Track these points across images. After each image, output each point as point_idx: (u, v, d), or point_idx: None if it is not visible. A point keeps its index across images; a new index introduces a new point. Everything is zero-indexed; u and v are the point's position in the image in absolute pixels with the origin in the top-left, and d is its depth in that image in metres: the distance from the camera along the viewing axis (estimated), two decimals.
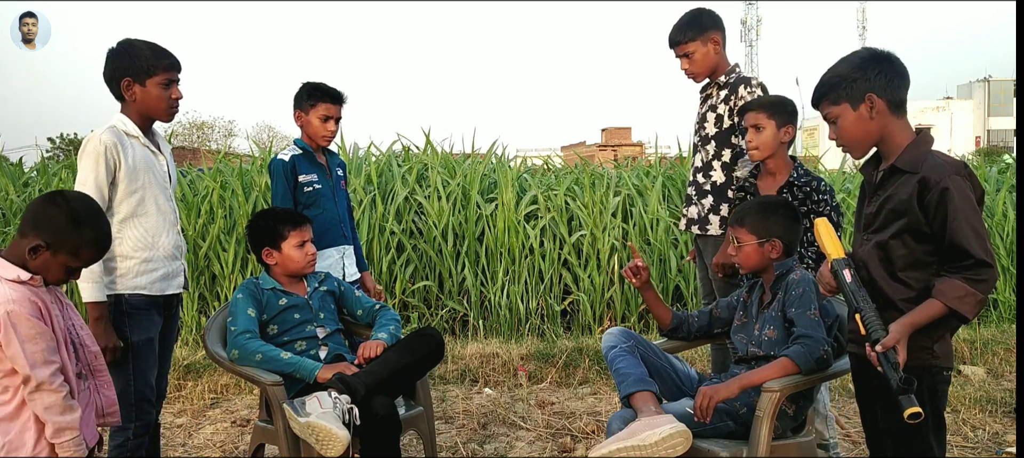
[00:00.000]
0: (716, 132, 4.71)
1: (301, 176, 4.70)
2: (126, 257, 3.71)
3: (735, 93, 4.65)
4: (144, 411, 3.77)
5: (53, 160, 12.13)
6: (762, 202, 3.92)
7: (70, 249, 2.81)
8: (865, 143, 3.00)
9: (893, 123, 2.93)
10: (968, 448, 5.23)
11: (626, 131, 24.43)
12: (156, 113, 3.83)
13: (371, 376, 3.81)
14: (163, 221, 3.85)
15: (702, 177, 4.80)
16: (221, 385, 6.69)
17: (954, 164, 2.83)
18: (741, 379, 3.46)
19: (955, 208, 2.73)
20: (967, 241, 2.72)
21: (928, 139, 2.94)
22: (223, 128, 47.57)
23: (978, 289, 2.73)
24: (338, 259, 4.84)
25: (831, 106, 2.99)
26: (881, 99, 2.89)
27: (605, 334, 3.93)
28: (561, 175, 10.44)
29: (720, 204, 4.71)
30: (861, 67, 2.92)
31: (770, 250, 3.69)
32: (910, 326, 2.77)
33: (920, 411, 2.62)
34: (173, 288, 3.92)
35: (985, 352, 7.45)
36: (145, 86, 3.75)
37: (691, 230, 4.89)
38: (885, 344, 2.70)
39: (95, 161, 3.61)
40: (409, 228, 9.05)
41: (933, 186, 2.76)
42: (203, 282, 8.61)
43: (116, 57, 3.77)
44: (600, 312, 8.78)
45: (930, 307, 2.77)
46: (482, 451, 5.27)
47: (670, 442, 3.30)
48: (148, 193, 3.78)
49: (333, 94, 4.79)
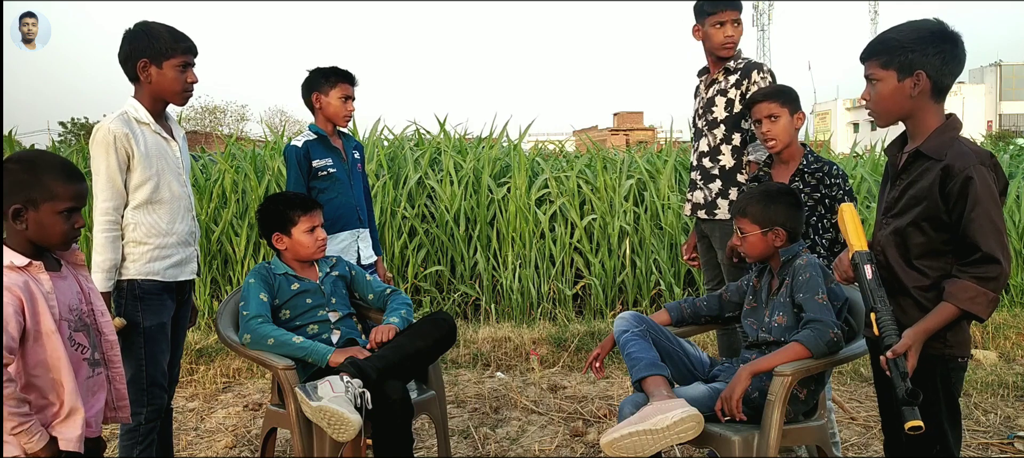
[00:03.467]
0: (726, 116, 4.69)
1: (315, 161, 4.70)
2: (139, 243, 3.72)
3: (748, 78, 4.63)
4: (156, 396, 3.78)
5: (64, 144, 12.15)
6: (763, 190, 3.91)
7: (45, 194, 2.68)
8: (895, 114, 2.94)
9: (929, 105, 2.88)
10: (980, 432, 5.23)
11: (638, 115, 24.33)
12: (170, 96, 3.83)
13: (383, 360, 3.81)
14: (177, 207, 3.85)
15: (709, 162, 4.78)
16: (233, 369, 6.72)
17: (980, 153, 2.77)
18: (751, 367, 3.45)
19: (976, 199, 2.69)
20: (982, 234, 2.68)
21: (956, 125, 2.89)
22: (235, 113, 47.58)
23: (989, 287, 2.70)
24: (352, 243, 4.84)
25: (878, 68, 2.91)
26: (929, 79, 2.83)
27: (617, 318, 3.93)
28: (573, 159, 10.42)
29: (729, 188, 4.70)
30: (923, 40, 2.83)
31: (774, 238, 3.69)
32: (924, 333, 2.75)
33: (921, 425, 2.61)
34: (186, 274, 3.92)
35: (997, 337, 7.44)
36: (162, 68, 3.74)
37: (698, 215, 4.87)
38: (896, 351, 2.69)
39: (106, 151, 3.62)
40: (421, 212, 9.05)
41: (957, 175, 2.72)
42: (215, 267, 8.62)
43: (133, 38, 3.76)
44: (612, 296, 8.78)
45: (943, 311, 2.74)
46: (494, 435, 5.28)
47: (682, 426, 3.31)
48: (162, 180, 3.78)
49: (349, 75, 4.81)
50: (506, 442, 5.18)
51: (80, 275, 2.91)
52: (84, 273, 2.93)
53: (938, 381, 2.86)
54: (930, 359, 2.81)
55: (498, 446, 5.10)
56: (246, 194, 8.92)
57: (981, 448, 4.97)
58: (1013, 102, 67.78)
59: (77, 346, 2.77)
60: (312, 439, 3.75)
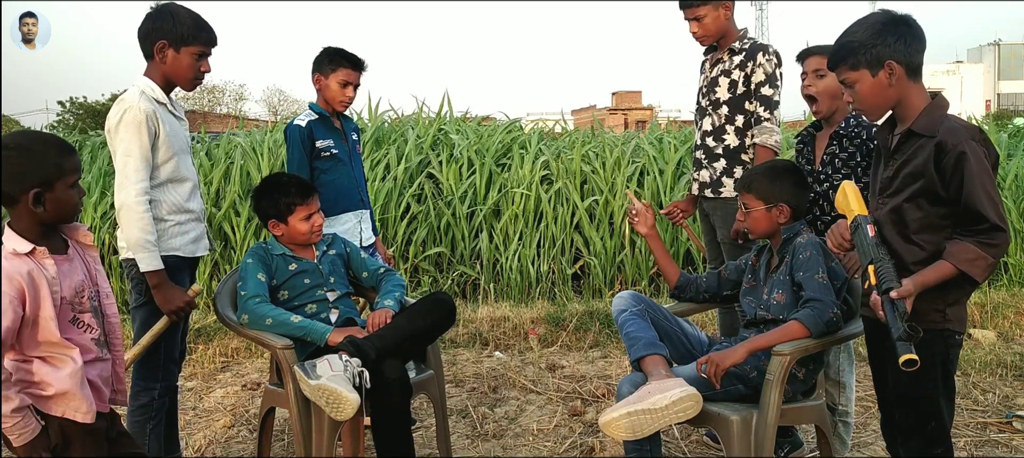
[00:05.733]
0: (729, 97, 4.66)
1: (318, 141, 4.69)
2: (162, 219, 3.75)
3: (753, 59, 4.60)
4: (170, 372, 3.85)
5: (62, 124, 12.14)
6: (769, 166, 3.91)
7: (56, 172, 2.72)
8: (883, 108, 2.99)
9: (910, 88, 2.92)
10: (978, 411, 5.24)
11: (636, 94, 24.39)
12: (181, 81, 3.86)
13: (382, 339, 3.80)
14: (191, 184, 3.91)
15: (713, 141, 4.76)
16: (232, 348, 6.73)
17: (970, 129, 2.81)
18: (749, 344, 3.46)
19: (972, 173, 2.72)
20: (983, 206, 2.72)
21: (943, 103, 2.93)
22: (234, 92, 47.52)
23: (990, 253, 2.74)
24: (355, 223, 4.84)
25: (849, 71, 2.97)
26: (900, 65, 2.88)
27: (615, 298, 3.93)
28: (575, 139, 10.42)
29: (734, 167, 4.67)
30: (880, 33, 2.89)
31: (778, 215, 3.69)
32: (920, 284, 2.76)
33: (916, 358, 2.62)
34: (202, 250, 3.99)
35: (995, 316, 7.45)
36: (179, 53, 3.77)
37: (704, 193, 4.85)
38: (901, 294, 2.70)
39: (138, 130, 3.63)
40: (423, 193, 9.04)
41: (950, 150, 2.75)
42: (217, 247, 8.63)
43: (157, 17, 3.78)
44: (611, 276, 8.79)
45: (940, 268, 2.77)
46: (492, 414, 5.29)
47: (681, 405, 3.31)
48: (181, 158, 3.84)
49: (354, 60, 4.78)
50: (504, 421, 5.18)
51: (88, 255, 2.92)
52: (93, 254, 2.95)
53: (935, 356, 2.88)
54: (929, 333, 2.82)
55: (496, 425, 5.11)
56: (249, 175, 8.91)
57: (979, 427, 4.97)
58: (1012, 81, 67.81)
59: (85, 327, 2.80)
60: (310, 418, 3.75)
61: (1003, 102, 64.15)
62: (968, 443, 4.73)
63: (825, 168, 4.06)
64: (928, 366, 2.83)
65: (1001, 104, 62.72)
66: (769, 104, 4.57)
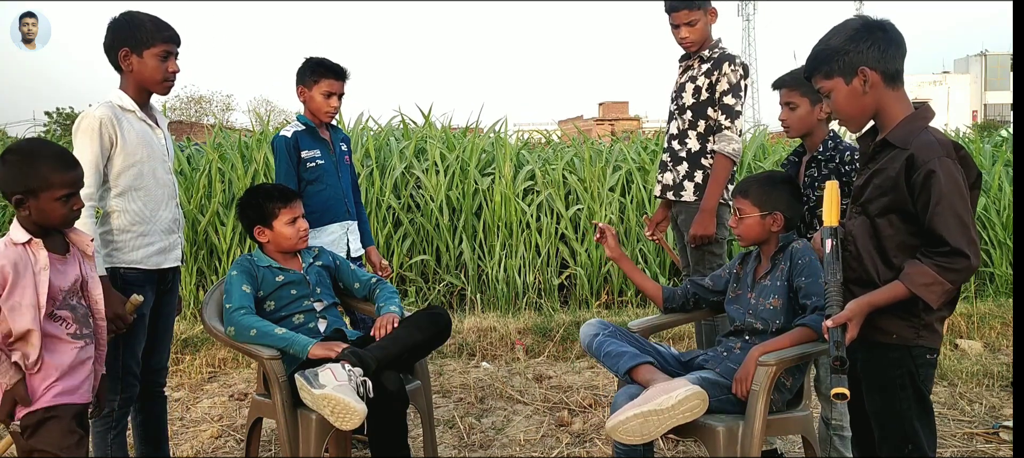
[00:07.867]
0: (693, 103, 4.78)
1: (304, 152, 4.69)
2: (123, 230, 3.71)
3: (719, 69, 4.70)
4: (129, 384, 3.80)
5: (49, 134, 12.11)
6: (767, 175, 3.93)
7: (42, 184, 2.94)
8: (861, 117, 2.93)
9: (888, 96, 2.86)
10: (965, 421, 5.25)
11: (623, 105, 24.32)
12: (152, 85, 3.82)
13: (383, 351, 3.79)
14: (162, 194, 3.85)
15: (677, 144, 4.87)
16: (219, 359, 6.71)
17: (945, 145, 2.73)
18: (762, 349, 3.44)
19: (940, 192, 2.65)
20: (946, 228, 2.64)
21: (927, 114, 2.86)
22: (221, 102, 47.38)
23: (947, 278, 2.66)
24: (342, 235, 4.83)
25: (824, 80, 2.92)
26: (875, 72, 2.82)
27: (582, 327, 3.92)
28: (559, 149, 10.43)
29: (695, 171, 4.79)
30: (853, 39, 2.84)
31: (771, 223, 3.70)
32: (868, 305, 2.75)
33: (845, 392, 2.63)
34: (169, 262, 3.91)
35: (982, 326, 7.47)
36: (142, 57, 3.73)
37: (666, 196, 4.95)
38: (836, 320, 2.70)
39: (90, 137, 3.60)
40: (407, 202, 9.04)
41: (920, 166, 2.68)
42: (202, 256, 8.62)
43: (116, 27, 3.76)
44: (597, 286, 8.80)
45: (894, 289, 2.73)
46: (479, 425, 5.28)
47: (688, 404, 3.29)
48: (146, 167, 3.77)
49: (336, 70, 4.77)
50: (491, 432, 5.18)
51: (85, 264, 3.17)
52: (91, 264, 3.21)
53: (905, 376, 2.84)
54: (897, 350, 2.81)
55: (483, 436, 5.11)
56: (232, 184, 8.89)
57: (966, 438, 4.99)
58: (998, 92, 68.07)
59: (59, 321, 3.02)
60: (297, 429, 3.74)
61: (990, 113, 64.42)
62: (955, 454, 4.74)
63: (806, 190, 4.08)
64: (898, 385, 2.82)
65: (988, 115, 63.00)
66: (730, 113, 4.68)
